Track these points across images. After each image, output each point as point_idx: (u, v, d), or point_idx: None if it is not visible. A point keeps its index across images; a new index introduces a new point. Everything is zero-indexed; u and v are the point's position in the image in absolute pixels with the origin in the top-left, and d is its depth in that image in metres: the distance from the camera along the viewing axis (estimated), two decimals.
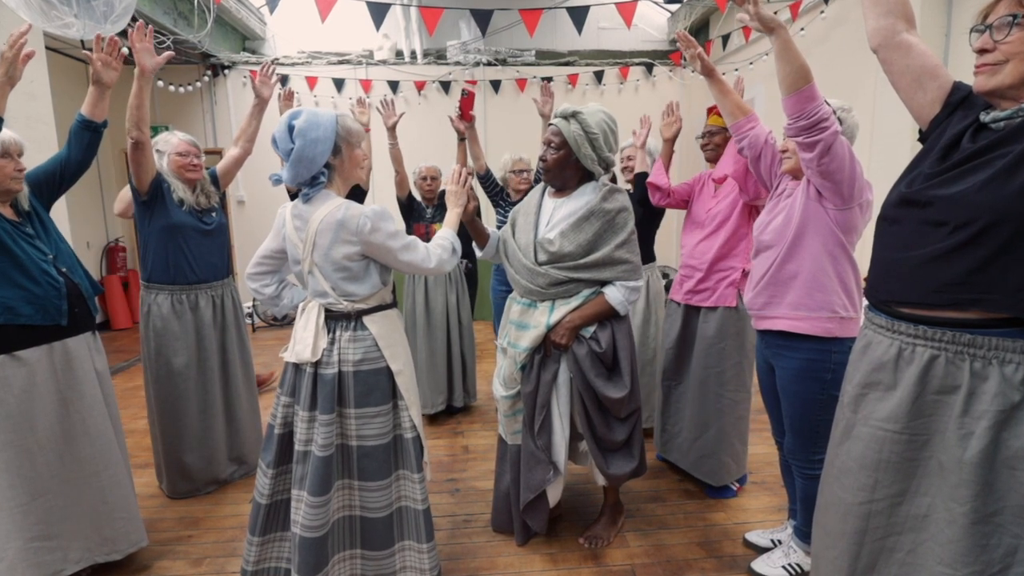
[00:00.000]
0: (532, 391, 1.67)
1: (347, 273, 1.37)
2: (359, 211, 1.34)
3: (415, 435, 1.46)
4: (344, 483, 1.44)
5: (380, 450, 1.43)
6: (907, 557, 0.98)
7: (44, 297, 1.50)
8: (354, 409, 1.40)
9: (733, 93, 1.66)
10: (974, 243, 0.87)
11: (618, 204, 1.66)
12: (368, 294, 1.41)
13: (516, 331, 1.70)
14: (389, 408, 1.44)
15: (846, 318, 1.45)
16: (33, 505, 1.49)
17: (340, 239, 1.33)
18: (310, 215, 1.36)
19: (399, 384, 1.44)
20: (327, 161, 1.35)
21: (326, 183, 1.38)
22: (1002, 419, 0.87)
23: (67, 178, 1.72)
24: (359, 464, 1.42)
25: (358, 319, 1.41)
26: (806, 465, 1.54)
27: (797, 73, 1.26)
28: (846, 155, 1.32)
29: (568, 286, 1.64)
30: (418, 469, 1.46)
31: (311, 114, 1.31)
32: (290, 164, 1.32)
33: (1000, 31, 0.89)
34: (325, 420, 1.37)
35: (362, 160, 1.47)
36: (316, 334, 1.38)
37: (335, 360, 1.39)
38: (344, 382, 1.39)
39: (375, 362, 1.41)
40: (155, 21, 3.87)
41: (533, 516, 1.76)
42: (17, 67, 1.43)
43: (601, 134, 1.61)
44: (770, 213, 1.57)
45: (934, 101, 1.01)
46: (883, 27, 1.04)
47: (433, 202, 2.90)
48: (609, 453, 1.72)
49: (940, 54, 2.69)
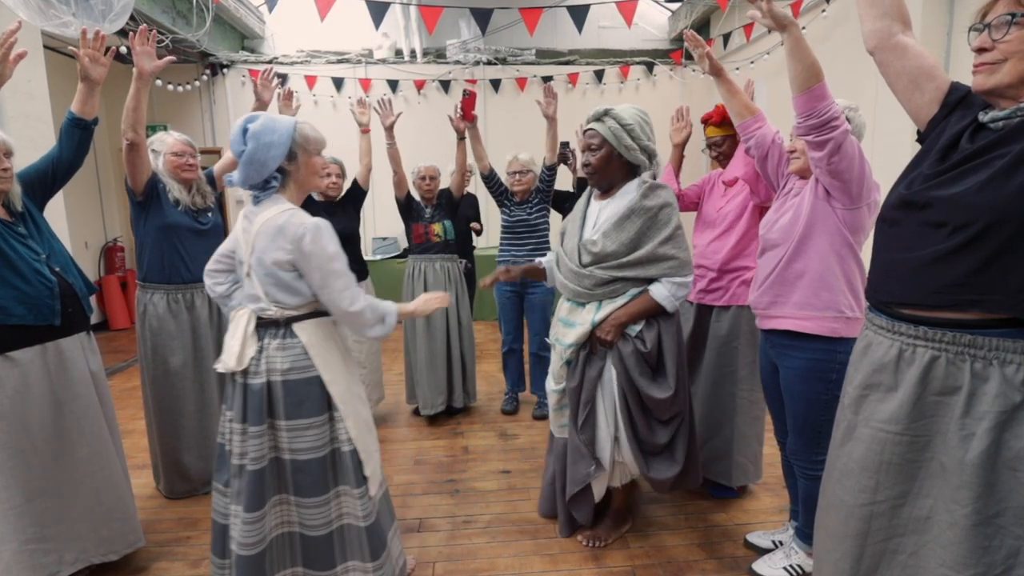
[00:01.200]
0: (576, 387, 1.69)
1: (275, 280, 1.33)
2: (301, 220, 1.31)
3: (352, 449, 1.38)
4: (280, 498, 1.38)
5: (314, 464, 1.35)
6: (909, 559, 0.98)
7: (37, 297, 1.49)
8: (285, 421, 1.34)
9: (741, 93, 1.65)
10: (974, 244, 0.87)
11: (660, 200, 1.65)
12: (298, 303, 1.36)
13: (563, 328, 1.73)
14: (323, 420, 1.36)
15: (852, 318, 1.44)
16: (28, 507, 1.48)
17: (276, 244, 1.30)
18: (255, 217, 1.34)
19: (333, 394, 1.37)
20: (280, 166, 1.33)
21: (278, 188, 1.36)
22: (1003, 420, 0.87)
23: (59, 177, 1.70)
24: (294, 479, 1.36)
25: (287, 326, 1.35)
26: (809, 466, 1.53)
27: (808, 71, 1.25)
28: (855, 154, 1.32)
29: (614, 286, 1.65)
30: (358, 484, 1.38)
31: (268, 119, 1.32)
32: (241, 166, 1.31)
33: (998, 30, 0.88)
34: (255, 432, 1.32)
35: (321, 169, 1.44)
36: (244, 342, 1.34)
37: (263, 369, 1.33)
38: (273, 392, 1.34)
39: (304, 371, 1.34)
40: (153, 20, 3.85)
41: (578, 508, 1.79)
42: (7, 66, 1.42)
43: (636, 124, 1.64)
44: (777, 212, 1.56)
45: (932, 102, 1.01)
46: (879, 29, 1.04)
47: (432, 202, 2.88)
48: (650, 456, 1.69)
49: (942, 53, 2.68)
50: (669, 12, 5.55)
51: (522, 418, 2.95)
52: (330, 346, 1.40)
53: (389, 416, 3.02)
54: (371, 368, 2.78)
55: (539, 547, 1.84)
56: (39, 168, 1.67)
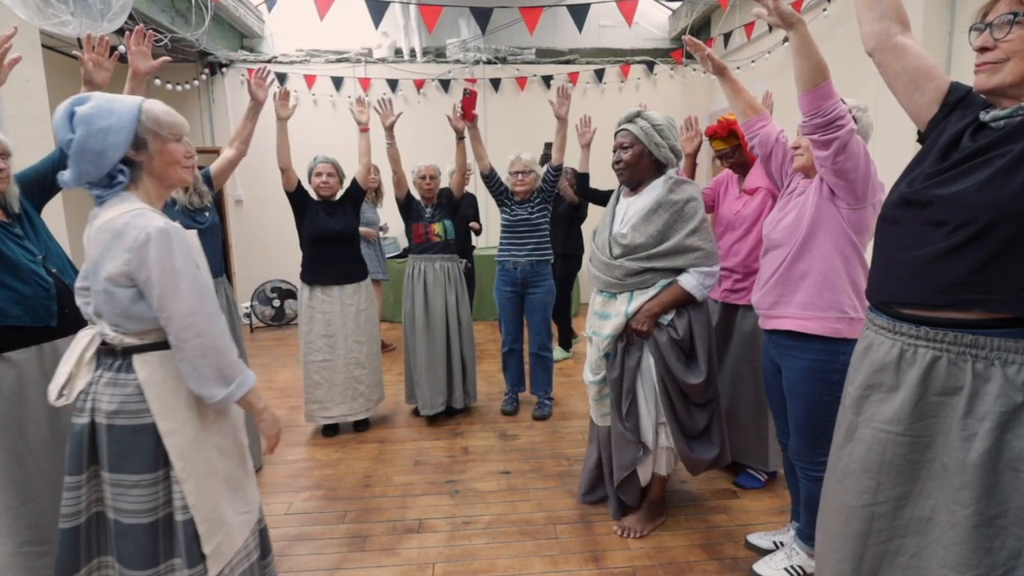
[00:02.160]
0: (618, 377, 1.78)
1: (110, 298, 1.06)
2: (148, 223, 1.05)
3: (188, 518, 1.10)
4: (103, 561, 1.14)
5: (139, 531, 1.09)
6: (911, 560, 0.98)
7: (33, 298, 1.49)
8: (108, 473, 1.09)
9: (745, 91, 1.66)
10: (975, 243, 0.87)
11: (686, 194, 1.75)
12: (141, 329, 1.09)
13: (599, 320, 1.81)
14: (155, 479, 1.10)
15: (855, 319, 1.43)
16: (23, 509, 1.47)
17: (110, 253, 1.05)
18: (94, 220, 1.10)
19: (169, 448, 1.09)
20: (126, 157, 1.08)
21: (127, 184, 1.10)
22: (1005, 420, 0.87)
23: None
24: (117, 543, 1.11)
25: (126, 358, 1.09)
26: (810, 467, 1.53)
27: (815, 69, 1.24)
28: (861, 154, 1.31)
29: (644, 276, 1.73)
30: (191, 563, 1.11)
31: (104, 99, 1.06)
32: (71, 159, 1.05)
33: (1000, 29, 0.88)
34: (71, 483, 1.09)
35: (182, 157, 1.17)
36: (71, 370, 1.10)
37: (88, 407, 1.09)
38: (98, 436, 1.09)
39: (135, 416, 1.08)
40: (152, 19, 3.84)
41: (626, 492, 1.89)
42: (2, 70, 1.42)
43: (666, 125, 1.76)
44: (781, 211, 1.56)
45: (932, 102, 1.01)
46: (877, 31, 1.04)
47: (432, 201, 2.87)
48: (691, 439, 1.79)
49: (944, 53, 2.67)
50: (670, 11, 5.53)
51: (522, 419, 2.94)
52: (176, 387, 1.11)
53: (389, 417, 3.02)
54: (371, 368, 2.78)
55: (539, 548, 1.83)
56: (39, 170, 1.67)
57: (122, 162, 1.08)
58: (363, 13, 3.74)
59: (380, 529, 1.96)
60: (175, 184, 1.20)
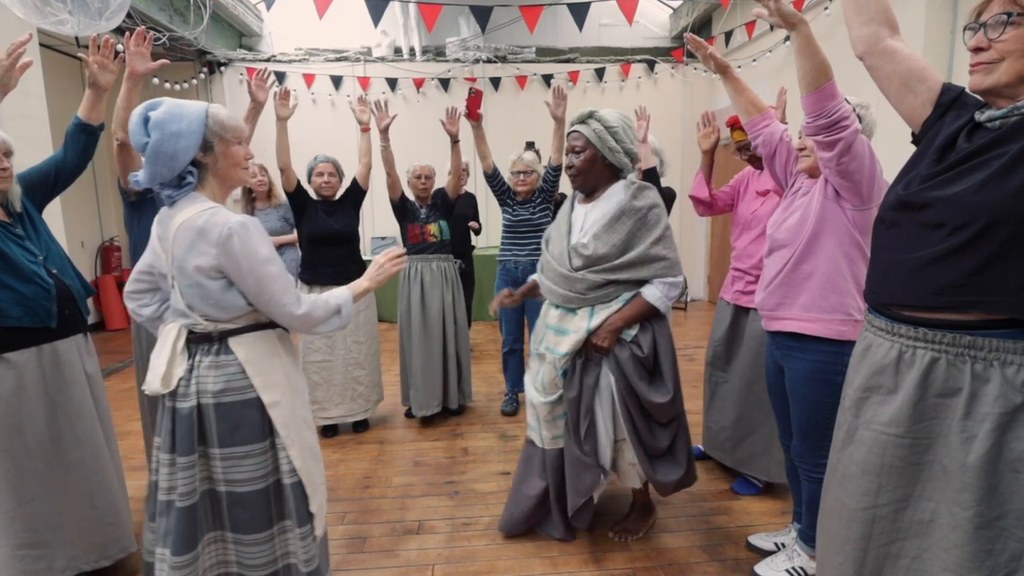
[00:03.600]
0: (576, 396, 1.65)
1: (202, 290, 1.15)
2: (226, 219, 1.13)
3: (296, 480, 1.23)
4: (216, 535, 1.23)
5: (254, 497, 1.20)
6: (912, 563, 0.98)
7: (33, 299, 1.48)
8: (219, 449, 1.18)
9: (748, 90, 1.63)
10: (973, 244, 0.87)
11: (649, 200, 1.65)
12: (231, 316, 1.20)
13: (555, 336, 1.69)
14: (263, 447, 1.21)
15: (860, 321, 1.42)
16: (20, 512, 1.47)
17: (196, 249, 1.13)
18: (171, 220, 1.17)
19: (274, 418, 1.20)
20: (195, 159, 1.16)
21: (196, 184, 1.18)
22: (1004, 421, 0.86)
23: (62, 180, 1.71)
24: (230, 513, 1.20)
25: (222, 341, 1.19)
26: (813, 468, 1.52)
27: (818, 70, 1.22)
28: (866, 154, 1.30)
29: (607, 289, 1.63)
30: (301, 522, 1.23)
31: (173, 104, 1.14)
32: (146, 161, 1.13)
33: (995, 29, 0.88)
34: (184, 463, 1.16)
35: (243, 159, 1.25)
36: (171, 360, 1.17)
37: (193, 391, 1.17)
38: (205, 417, 1.18)
39: (241, 392, 1.18)
40: (150, 17, 3.83)
41: (580, 517, 1.77)
42: (12, 75, 1.44)
43: (620, 127, 1.64)
44: (785, 211, 1.54)
45: (925, 103, 1.02)
46: (866, 35, 1.05)
47: (427, 202, 2.86)
48: (655, 459, 1.70)
49: (945, 52, 2.66)
50: (671, 10, 5.52)
51: (522, 419, 2.94)
52: (273, 363, 1.23)
53: (388, 417, 3.01)
54: (370, 369, 2.77)
55: (539, 549, 1.83)
56: (42, 170, 1.68)
57: (191, 164, 1.16)
58: (362, 12, 3.73)
59: (379, 530, 1.95)
60: (235, 184, 1.28)
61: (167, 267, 1.20)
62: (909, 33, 2.70)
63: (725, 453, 2.19)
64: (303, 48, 5.38)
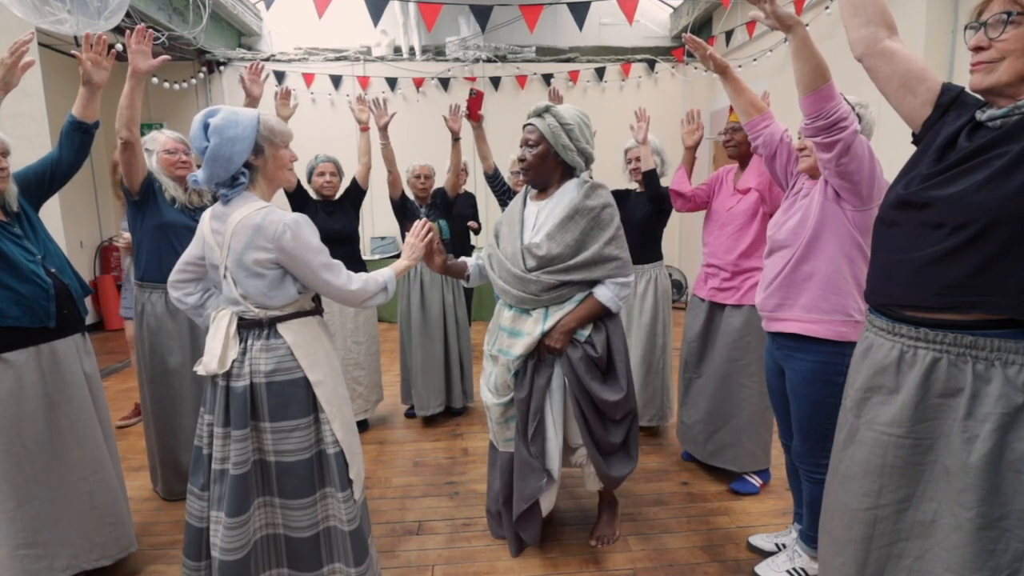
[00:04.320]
0: (526, 397, 1.64)
1: (259, 281, 1.30)
2: (279, 217, 1.28)
3: (338, 451, 1.38)
4: (265, 500, 1.37)
5: (300, 466, 1.35)
6: (915, 564, 0.97)
7: (32, 298, 1.48)
8: (269, 423, 1.33)
9: (748, 91, 1.63)
10: (973, 244, 0.87)
11: (602, 200, 1.62)
12: (282, 303, 1.34)
13: (508, 338, 1.67)
14: (309, 422, 1.36)
15: (861, 322, 1.42)
16: (19, 512, 1.46)
17: (255, 244, 1.27)
18: (227, 217, 1.30)
19: (319, 395, 1.35)
20: (247, 161, 1.29)
21: (247, 185, 1.32)
22: (1006, 422, 0.86)
23: (58, 179, 1.70)
24: (279, 481, 1.35)
25: (271, 327, 1.33)
26: (814, 469, 1.52)
27: (815, 71, 1.22)
28: (865, 155, 1.30)
29: (561, 291, 1.61)
30: (343, 487, 1.38)
31: (230, 112, 1.26)
32: (205, 163, 1.26)
33: (995, 28, 0.88)
34: (239, 436, 1.30)
35: (289, 162, 1.39)
36: (225, 344, 1.31)
37: (246, 371, 1.31)
38: (257, 394, 1.32)
39: (290, 372, 1.33)
40: (149, 17, 3.82)
41: (526, 527, 1.73)
42: (15, 73, 1.44)
43: (576, 126, 1.60)
44: (786, 212, 1.54)
45: (924, 104, 1.02)
46: (864, 36, 1.05)
47: (427, 201, 2.86)
48: (608, 456, 1.70)
49: (946, 52, 2.66)
50: (671, 9, 5.51)
51: None
52: (316, 347, 1.38)
53: (388, 417, 3.00)
54: (369, 369, 2.76)
55: (540, 550, 1.82)
56: (38, 169, 1.67)
57: (243, 166, 1.29)
58: (362, 11, 3.72)
59: (379, 531, 1.95)
60: (281, 185, 1.41)
61: (220, 259, 1.31)
62: (910, 32, 2.69)
63: (698, 447, 2.23)
64: (302, 47, 5.37)
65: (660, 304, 2.46)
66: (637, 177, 2.43)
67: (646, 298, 2.45)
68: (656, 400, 2.52)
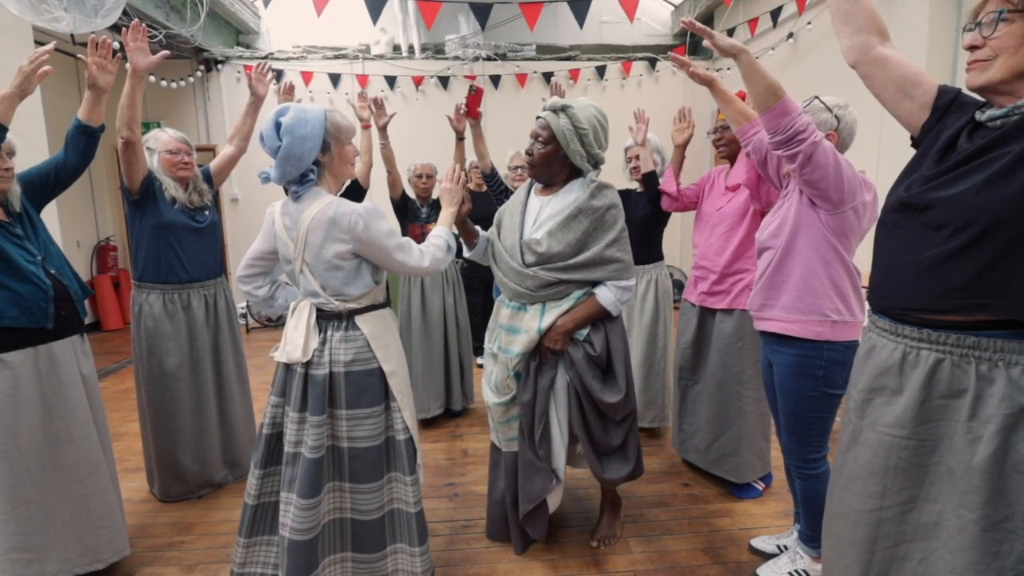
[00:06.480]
0: (531, 399, 1.62)
1: (338, 272, 1.36)
2: (351, 209, 1.32)
3: (407, 437, 1.45)
4: (335, 485, 1.43)
5: (372, 452, 1.42)
6: (919, 566, 0.97)
7: (30, 299, 1.47)
8: (345, 410, 1.39)
9: (736, 100, 1.64)
10: (975, 246, 0.87)
11: (607, 201, 1.60)
12: (360, 293, 1.40)
13: (507, 335, 1.65)
14: (381, 409, 1.42)
15: (839, 322, 1.45)
16: (12, 515, 1.45)
17: (332, 237, 1.32)
18: (300, 213, 1.35)
19: (391, 385, 1.42)
20: (316, 158, 1.33)
21: (316, 180, 1.36)
22: (1010, 423, 0.86)
23: (62, 181, 1.71)
24: (350, 466, 1.42)
25: (350, 319, 1.40)
26: (803, 464, 1.54)
27: (767, 91, 1.28)
28: (829, 162, 1.31)
29: (558, 288, 1.59)
30: (410, 471, 1.45)
31: (299, 110, 1.30)
32: (278, 162, 1.30)
33: (988, 27, 0.89)
34: (316, 422, 1.36)
35: (353, 156, 1.44)
36: (307, 334, 1.37)
37: (326, 360, 1.38)
38: (335, 383, 1.38)
39: (367, 363, 1.40)
40: (146, 15, 3.80)
41: (533, 524, 1.73)
42: (32, 81, 1.46)
43: (591, 130, 1.56)
44: (773, 215, 1.57)
45: (922, 107, 1.02)
46: (856, 44, 1.06)
47: (428, 201, 2.84)
48: (605, 457, 1.69)
49: (950, 51, 2.65)
50: (672, 6, 5.50)
51: None
52: (390, 338, 1.45)
53: None
54: None
55: (540, 552, 1.82)
56: (42, 171, 1.67)
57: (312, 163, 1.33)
58: (361, 9, 3.71)
59: None
60: (345, 179, 1.46)
61: (294, 254, 1.36)
62: (913, 32, 2.67)
63: (699, 455, 2.19)
64: (301, 46, 5.35)
65: (661, 305, 2.45)
66: (637, 176, 2.42)
67: (647, 299, 2.44)
68: (657, 401, 2.51)
